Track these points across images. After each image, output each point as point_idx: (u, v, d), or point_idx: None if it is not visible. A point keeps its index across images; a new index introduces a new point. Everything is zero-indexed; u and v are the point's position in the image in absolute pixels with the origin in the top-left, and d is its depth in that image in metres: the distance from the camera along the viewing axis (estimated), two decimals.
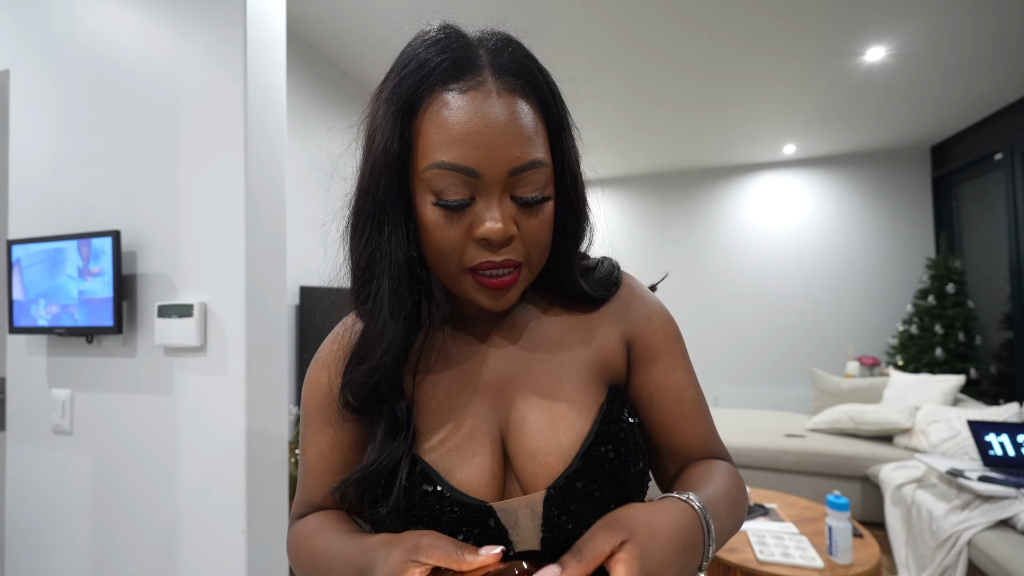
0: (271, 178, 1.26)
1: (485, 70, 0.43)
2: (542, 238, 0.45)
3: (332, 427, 0.52)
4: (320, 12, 2.28)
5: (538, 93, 0.45)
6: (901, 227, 4.35)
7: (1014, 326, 3.42)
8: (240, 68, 1.19)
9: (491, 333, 0.52)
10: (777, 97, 3.26)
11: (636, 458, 0.48)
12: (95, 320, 1.25)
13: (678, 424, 0.53)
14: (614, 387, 0.51)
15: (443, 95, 0.42)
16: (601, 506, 0.45)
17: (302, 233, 2.39)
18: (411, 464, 0.46)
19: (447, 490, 0.45)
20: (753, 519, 1.88)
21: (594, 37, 2.52)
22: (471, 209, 0.42)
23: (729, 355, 4.72)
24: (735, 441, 3.04)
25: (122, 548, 1.27)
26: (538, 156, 0.43)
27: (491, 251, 0.43)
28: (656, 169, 4.91)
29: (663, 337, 0.53)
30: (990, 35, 2.54)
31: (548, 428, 0.47)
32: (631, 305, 0.54)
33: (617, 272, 0.56)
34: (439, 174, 0.41)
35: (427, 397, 0.49)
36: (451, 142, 0.41)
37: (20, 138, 1.40)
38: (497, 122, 0.41)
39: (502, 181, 0.42)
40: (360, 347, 0.48)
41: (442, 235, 0.43)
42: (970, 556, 1.87)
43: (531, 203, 0.43)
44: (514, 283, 0.45)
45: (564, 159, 0.47)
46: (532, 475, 0.46)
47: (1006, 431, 2.08)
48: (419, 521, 0.44)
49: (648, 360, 0.53)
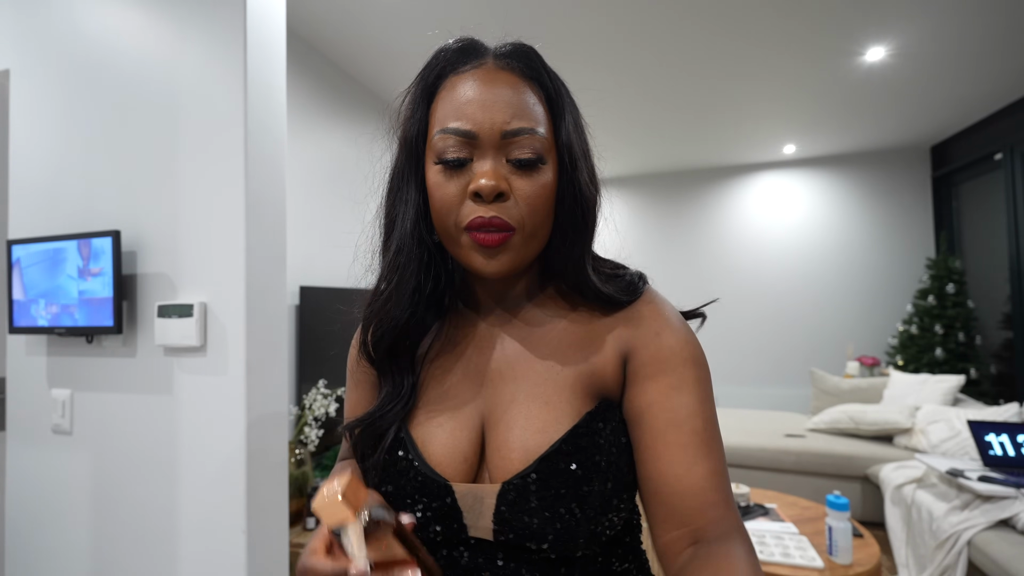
0: (271, 178, 1.26)
1: (488, 55, 0.49)
2: (536, 203, 0.47)
3: (360, 388, 0.58)
4: (320, 12, 2.28)
5: (538, 78, 0.49)
6: (901, 227, 4.35)
7: (1014, 326, 3.42)
8: (240, 68, 1.19)
9: (498, 326, 0.55)
10: (777, 97, 3.26)
11: (604, 478, 0.44)
12: (95, 320, 1.25)
13: (669, 455, 0.44)
14: (605, 400, 0.49)
15: (452, 78, 0.49)
16: (553, 514, 0.43)
17: (302, 233, 2.39)
18: (396, 431, 0.50)
19: (417, 460, 0.48)
20: (753, 519, 1.88)
21: (594, 38, 2.52)
22: (469, 168, 0.47)
23: (729, 355, 4.72)
24: (735, 441, 3.04)
25: (122, 548, 1.27)
26: (531, 125, 0.47)
27: (483, 207, 0.46)
28: (656, 169, 4.91)
29: (671, 355, 0.48)
30: (990, 35, 2.54)
31: (522, 426, 0.47)
32: (644, 319, 0.51)
33: (641, 284, 0.54)
34: (442, 138, 0.47)
35: (430, 375, 0.54)
36: (454, 112, 0.47)
37: (20, 138, 1.40)
38: (494, 91, 0.47)
39: (496, 142, 0.46)
40: (372, 298, 0.53)
41: (442, 193, 0.47)
42: (970, 556, 1.87)
43: (524, 164, 0.46)
44: (505, 242, 0.47)
45: (565, 142, 0.50)
46: (496, 468, 0.47)
47: (1006, 431, 2.08)
48: (389, 481, 0.48)
49: (645, 376, 0.48)
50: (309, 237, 2.45)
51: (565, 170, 0.49)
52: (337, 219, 2.62)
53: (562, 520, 0.43)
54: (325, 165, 2.60)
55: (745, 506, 1.95)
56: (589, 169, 0.52)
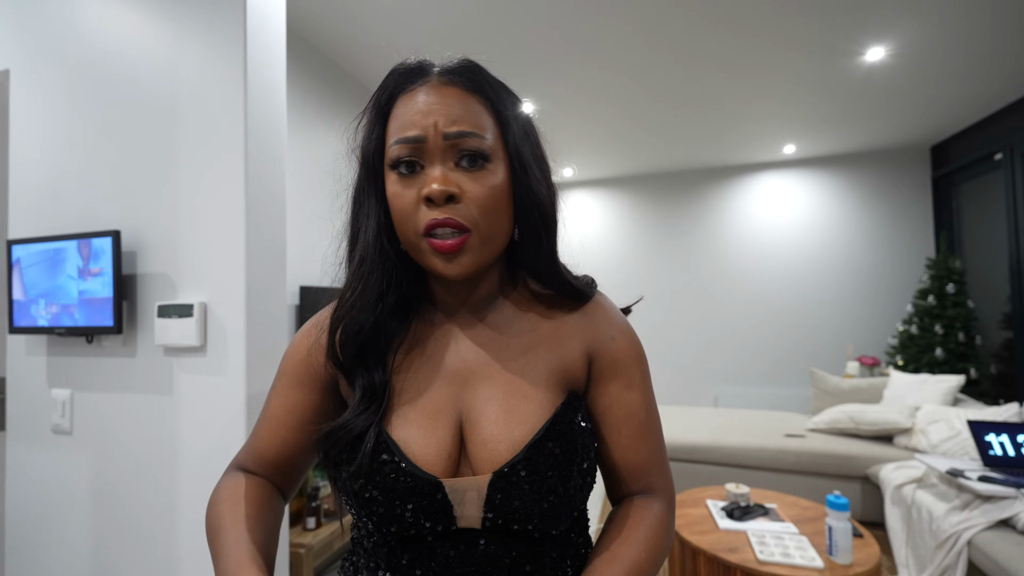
0: (271, 178, 1.26)
1: (432, 73, 0.52)
2: (488, 203, 0.50)
3: (302, 389, 0.59)
4: (320, 12, 2.28)
5: (481, 90, 0.52)
6: (901, 227, 4.35)
7: (1014, 326, 3.42)
8: (240, 68, 1.19)
9: (467, 328, 0.58)
10: (777, 97, 3.26)
11: (581, 458, 0.52)
12: (95, 320, 1.25)
13: (623, 442, 0.57)
14: (573, 392, 0.56)
15: (401, 98, 0.52)
16: (540, 496, 0.49)
17: (302, 233, 2.39)
18: (377, 435, 0.51)
19: (403, 461, 0.50)
20: (753, 519, 1.88)
21: (594, 38, 2.52)
22: (422, 175, 0.50)
23: (729, 355, 4.72)
24: (735, 441, 3.04)
25: (122, 548, 1.27)
26: (473, 129, 0.50)
27: (436, 210, 0.49)
28: (656, 169, 4.91)
29: (624, 357, 0.58)
30: (990, 35, 2.54)
31: (504, 419, 0.52)
32: (599, 322, 0.58)
33: (593, 286, 0.61)
34: (395, 149, 0.50)
35: (401, 378, 0.55)
36: (402, 124, 0.51)
37: (20, 138, 1.40)
38: (436, 101, 0.50)
39: (441, 145, 0.49)
40: (337, 305, 0.56)
41: (400, 203, 0.51)
42: (970, 556, 1.87)
43: (470, 165, 0.50)
44: (461, 246, 0.50)
45: (513, 148, 0.53)
46: (482, 460, 0.50)
47: (1006, 431, 2.08)
48: (376, 487, 0.49)
49: (607, 377, 0.57)
50: (309, 237, 2.45)
51: (517, 175, 0.53)
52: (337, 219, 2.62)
53: (548, 501, 0.49)
54: (325, 165, 2.60)
55: (745, 506, 1.95)
56: (543, 172, 0.55)
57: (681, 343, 4.85)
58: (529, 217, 0.54)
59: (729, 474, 2.99)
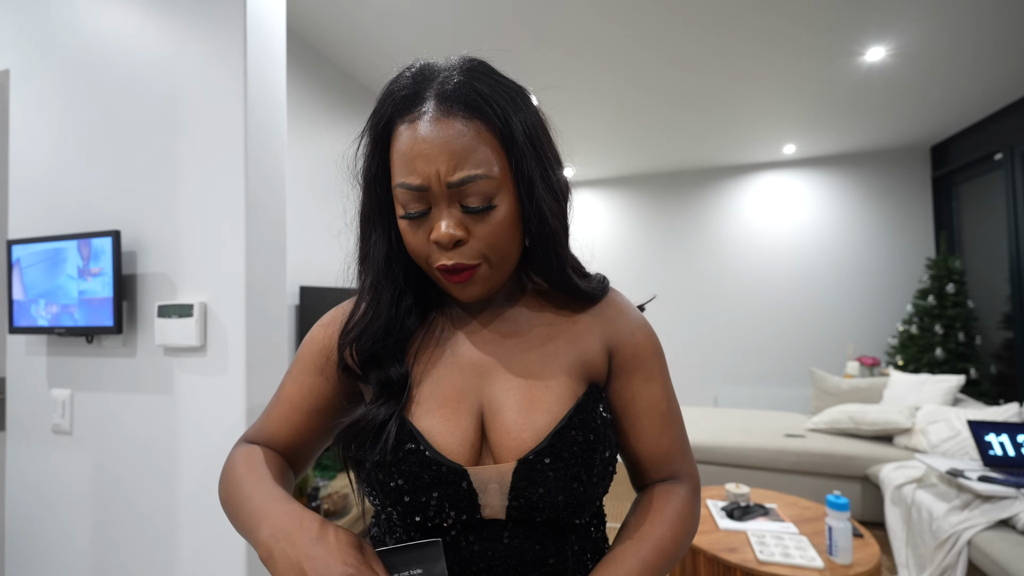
0: (271, 178, 1.26)
1: (429, 101, 0.49)
2: (495, 240, 0.50)
3: (320, 376, 0.59)
4: (320, 12, 2.28)
5: (482, 113, 0.49)
6: (901, 227, 4.35)
7: (1014, 326, 3.42)
8: (240, 68, 1.19)
9: (485, 320, 0.59)
10: (777, 97, 3.26)
11: (603, 447, 0.53)
12: (95, 320, 1.25)
13: (647, 434, 0.59)
14: (594, 384, 0.57)
15: (399, 127, 0.50)
16: (564, 483, 0.50)
17: (302, 233, 2.39)
18: (400, 424, 0.52)
19: (427, 449, 0.50)
20: (753, 519, 1.88)
21: (594, 38, 2.52)
22: (430, 217, 0.50)
23: (729, 355, 4.72)
24: (735, 441, 3.04)
25: (122, 548, 1.27)
26: (475, 171, 0.48)
27: (443, 254, 0.50)
28: (656, 169, 4.91)
29: (644, 351, 0.59)
30: (990, 35, 2.54)
31: (527, 409, 0.52)
32: (617, 318, 0.60)
33: (605, 285, 0.62)
34: (400, 192, 0.50)
35: (422, 371, 0.56)
36: (405, 166, 0.49)
37: (20, 138, 1.40)
38: (435, 144, 0.47)
39: (446, 193, 0.48)
40: (347, 322, 0.57)
41: (411, 241, 0.52)
42: (970, 556, 1.87)
43: (476, 211, 0.49)
44: (471, 278, 0.51)
45: (518, 170, 0.51)
46: (506, 448, 0.51)
47: (1006, 431, 2.08)
48: (401, 475, 0.50)
49: (628, 370, 0.59)
50: (309, 237, 2.45)
51: (523, 201, 0.52)
52: (337, 219, 2.62)
53: (572, 489, 0.50)
54: (325, 165, 2.60)
55: (745, 506, 1.95)
56: (552, 186, 0.53)
57: (681, 343, 4.85)
58: (540, 233, 0.53)
59: (729, 474, 2.99)
